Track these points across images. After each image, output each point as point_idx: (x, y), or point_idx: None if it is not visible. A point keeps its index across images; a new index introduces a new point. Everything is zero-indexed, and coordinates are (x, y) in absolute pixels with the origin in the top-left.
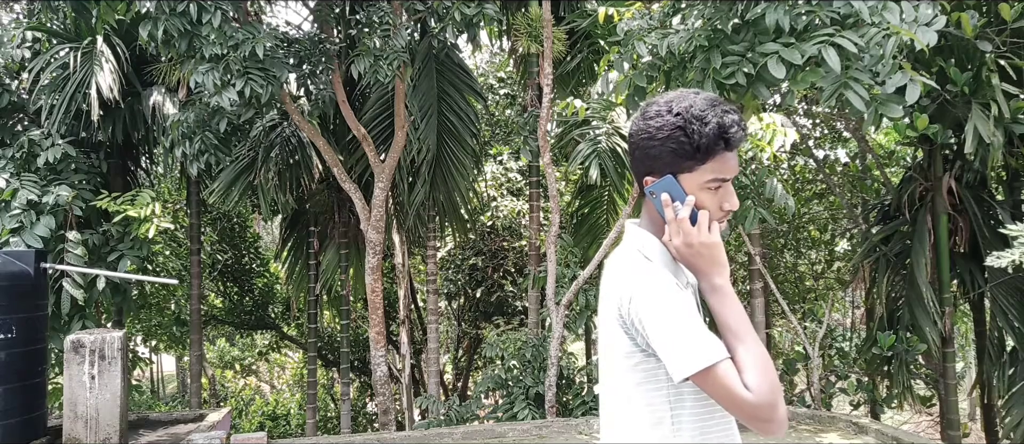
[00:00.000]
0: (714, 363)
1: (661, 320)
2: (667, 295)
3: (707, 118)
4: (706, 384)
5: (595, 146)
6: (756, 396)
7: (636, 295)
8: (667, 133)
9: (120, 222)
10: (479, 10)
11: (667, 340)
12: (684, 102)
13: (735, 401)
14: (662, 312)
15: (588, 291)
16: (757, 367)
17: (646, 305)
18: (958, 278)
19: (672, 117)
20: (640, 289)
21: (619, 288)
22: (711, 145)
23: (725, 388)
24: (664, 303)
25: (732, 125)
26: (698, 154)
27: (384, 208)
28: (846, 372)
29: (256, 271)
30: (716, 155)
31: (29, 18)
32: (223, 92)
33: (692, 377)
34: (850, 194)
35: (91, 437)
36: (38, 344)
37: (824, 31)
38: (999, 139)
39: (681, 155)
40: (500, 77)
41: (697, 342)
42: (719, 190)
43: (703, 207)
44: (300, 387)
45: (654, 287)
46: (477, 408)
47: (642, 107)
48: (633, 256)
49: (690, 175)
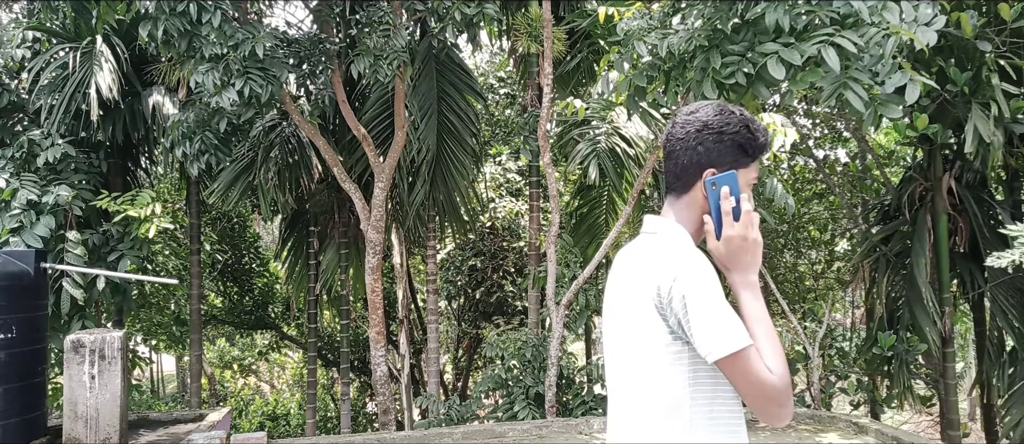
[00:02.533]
0: (747, 346)
1: (704, 301)
2: (712, 279)
3: (760, 123)
4: (736, 366)
5: (595, 146)
6: (779, 379)
7: (682, 275)
8: (735, 129)
9: (120, 222)
10: (479, 10)
11: (707, 321)
12: (732, 107)
13: (761, 383)
14: (707, 293)
15: (588, 291)
16: (779, 355)
17: (692, 285)
18: (958, 278)
19: (738, 115)
20: (687, 269)
21: (660, 269)
22: (764, 147)
23: (755, 371)
24: (709, 285)
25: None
26: (754, 151)
27: (384, 208)
28: (846, 372)
29: (256, 271)
30: (759, 158)
31: (29, 18)
32: (223, 92)
33: (725, 359)
34: (850, 194)
35: (91, 437)
36: (38, 344)
37: (824, 31)
38: (999, 139)
39: (744, 152)
40: (500, 77)
41: (734, 326)
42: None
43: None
44: (300, 387)
45: (701, 270)
46: (477, 408)
47: (692, 107)
48: (670, 242)
49: (745, 171)
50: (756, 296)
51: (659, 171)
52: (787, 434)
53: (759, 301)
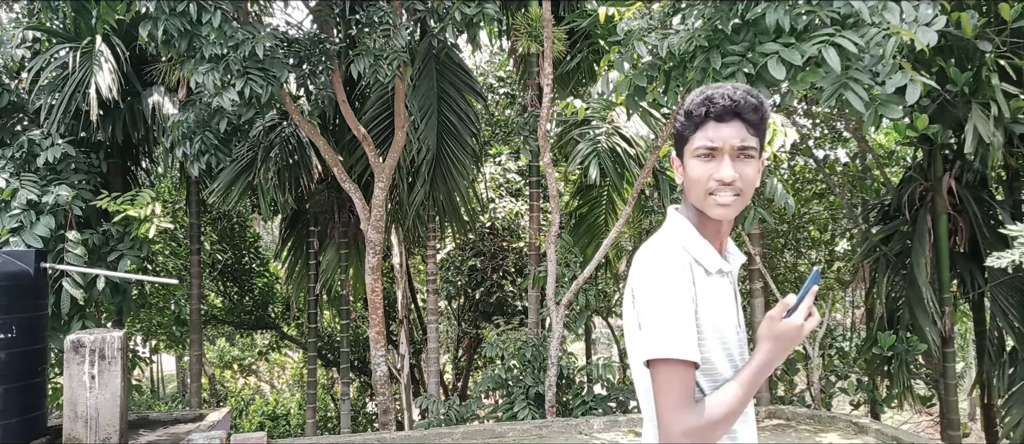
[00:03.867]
0: (673, 359)
1: (652, 302)
2: (670, 281)
3: (705, 91)
4: (659, 375)
5: (595, 146)
6: (694, 426)
7: (642, 275)
8: (678, 113)
9: (120, 222)
10: (479, 10)
11: (649, 322)
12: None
13: (671, 409)
14: (656, 296)
15: (588, 291)
16: (724, 416)
17: (646, 286)
18: (958, 278)
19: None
20: (647, 271)
21: (635, 269)
22: (695, 112)
23: (673, 388)
24: (662, 288)
25: (720, 94)
26: (690, 124)
27: (384, 208)
28: (846, 372)
29: (256, 271)
30: (704, 123)
31: (29, 18)
32: (223, 92)
33: (652, 363)
34: (850, 194)
35: (91, 437)
36: (38, 344)
37: (824, 31)
38: (999, 139)
39: (681, 128)
40: (500, 77)
41: (674, 334)
42: (711, 160)
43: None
44: (300, 387)
45: (661, 271)
46: (477, 408)
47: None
48: (659, 238)
49: (687, 147)
50: (767, 371)
51: (659, 171)
52: (787, 434)
53: (762, 376)
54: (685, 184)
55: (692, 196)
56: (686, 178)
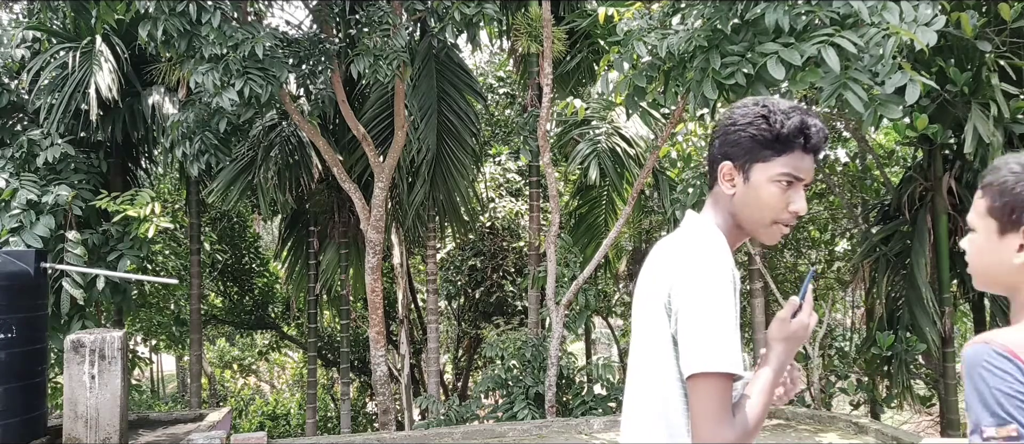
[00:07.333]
0: (720, 373)
1: (699, 310)
2: (718, 287)
3: (792, 113)
4: (704, 388)
5: (595, 146)
6: (734, 440)
7: (686, 278)
8: (749, 119)
9: (120, 222)
10: (479, 10)
11: (694, 332)
12: (771, 99)
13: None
14: (705, 303)
15: (588, 291)
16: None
17: (692, 291)
18: (958, 278)
19: (758, 108)
20: (693, 273)
21: (672, 269)
22: (790, 137)
23: (716, 403)
24: (711, 294)
25: (815, 126)
26: (776, 144)
27: (384, 208)
28: (846, 372)
29: (256, 271)
30: (793, 150)
31: (29, 18)
32: (223, 92)
33: (697, 375)
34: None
35: (91, 437)
36: (38, 344)
37: (824, 31)
38: (999, 139)
39: (760, 142)
40: (500, 77)
41: (722, 347)
42: (789, 189)
43: (769, 201)
44: (300, 387)
45: (708, 275)
46: (477, 408)
47: (735, 103)
48: (692, 239)
49: (763, 165)
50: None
51: (659, 171)
52: (787, 434)
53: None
54: (744, 200)
55: (752, 216)
56: (752, 197)
